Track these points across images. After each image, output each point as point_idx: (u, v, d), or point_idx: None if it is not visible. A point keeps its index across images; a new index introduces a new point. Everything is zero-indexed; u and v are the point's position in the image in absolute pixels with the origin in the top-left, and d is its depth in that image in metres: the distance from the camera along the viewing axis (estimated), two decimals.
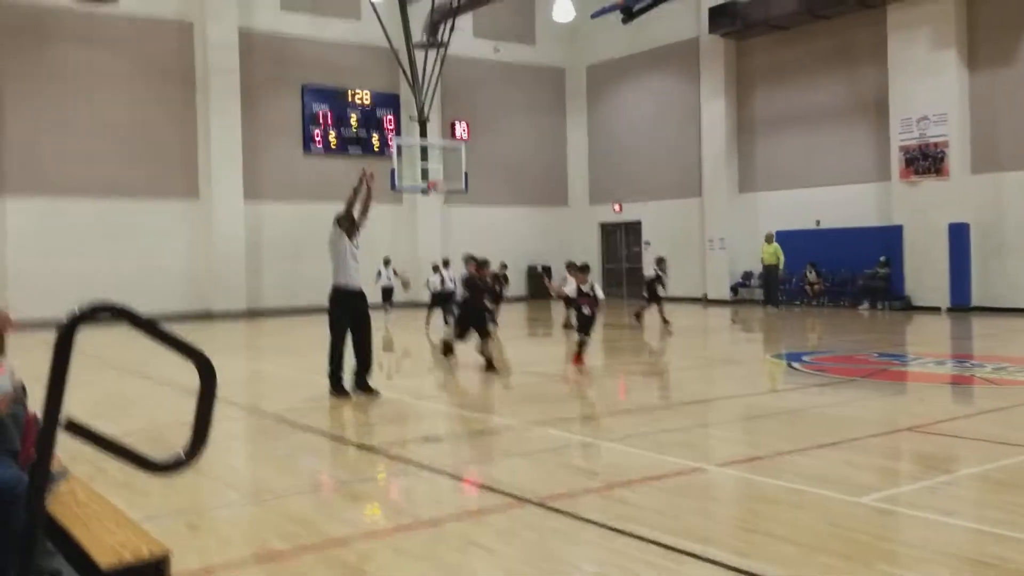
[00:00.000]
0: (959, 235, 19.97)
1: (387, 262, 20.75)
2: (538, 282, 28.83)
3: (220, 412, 7.66)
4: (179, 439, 2.18)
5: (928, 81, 20.63)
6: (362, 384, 9.01)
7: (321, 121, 24.90)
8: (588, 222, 30.11)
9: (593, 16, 25.52)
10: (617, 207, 29.13)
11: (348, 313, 8.85)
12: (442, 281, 18.18)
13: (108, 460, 2.00)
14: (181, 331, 2.05)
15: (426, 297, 19.54)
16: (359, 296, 8.94)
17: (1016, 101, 19.61)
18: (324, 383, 9.06)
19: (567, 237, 29.80)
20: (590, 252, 30.13)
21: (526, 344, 16.56)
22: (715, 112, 25.57)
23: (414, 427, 8.11)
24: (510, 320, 21.79)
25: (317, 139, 24.84)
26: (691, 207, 26.59)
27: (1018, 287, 19.54)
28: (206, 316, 22.36)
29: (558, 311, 24.21)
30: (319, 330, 8.63)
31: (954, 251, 20.01)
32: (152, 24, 22.44)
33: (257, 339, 18.01)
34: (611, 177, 29.22)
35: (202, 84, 22.89)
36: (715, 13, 24.66)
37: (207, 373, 1.94)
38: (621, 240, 29.53)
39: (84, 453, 1.94)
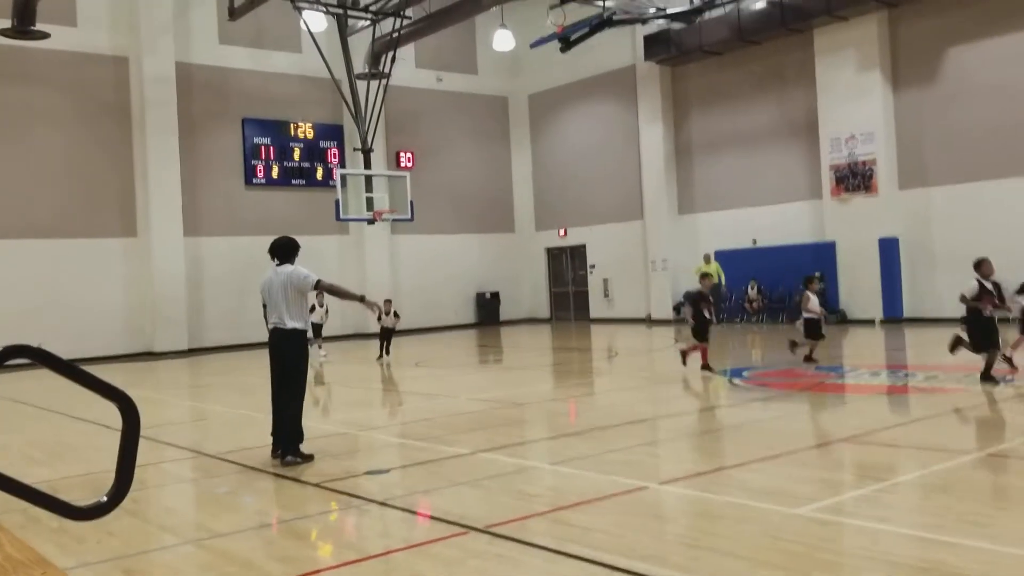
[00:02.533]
0: (889, 249, 20.61)
1: (388, 302, 18.89)
2: (488, 309, 28.97)
3: (160, 454, 7.56)
4: None
5: (855, 102, 21.32)
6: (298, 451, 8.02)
7: (263, 154, 24.74)
8: (534, 247, 30.33)
9: (532, 46, 25.88)
10: (562, 232, 29.42)
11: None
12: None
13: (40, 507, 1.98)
14: (122, 372, 2.06)
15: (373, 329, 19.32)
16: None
17: (939, 119, 20.36)
18: (268, 421, 8.70)
19: (514, 263, 29.98)
20: (537, 277, 30.35)
21: (475, 371, 16.56)
22: (654, 136, 26.06)
23: (360, 460, 8.05)
24: (462, 346, 21.80)
25: (259, 172, 24.66)
26: (633, 229, 26.98)
27: (946, 298, 20.11)
28: (148, 356, 21.92)
29: (509, 336, 24.31)
30: (263, 366, 8.33)
31: (885, 265, 20.65)
32: (86, 59, 22.11)
33: (200, 378, 17.71)
34: (556, 202, 29.52)
35: (139, 119, 22.59)
36: (650, 41, 25.21)
37: (130, 414, 1.94)
38: (567, 264, 29.80)
39: (15, 501, 1.92)
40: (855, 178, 21.35)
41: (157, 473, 7.60)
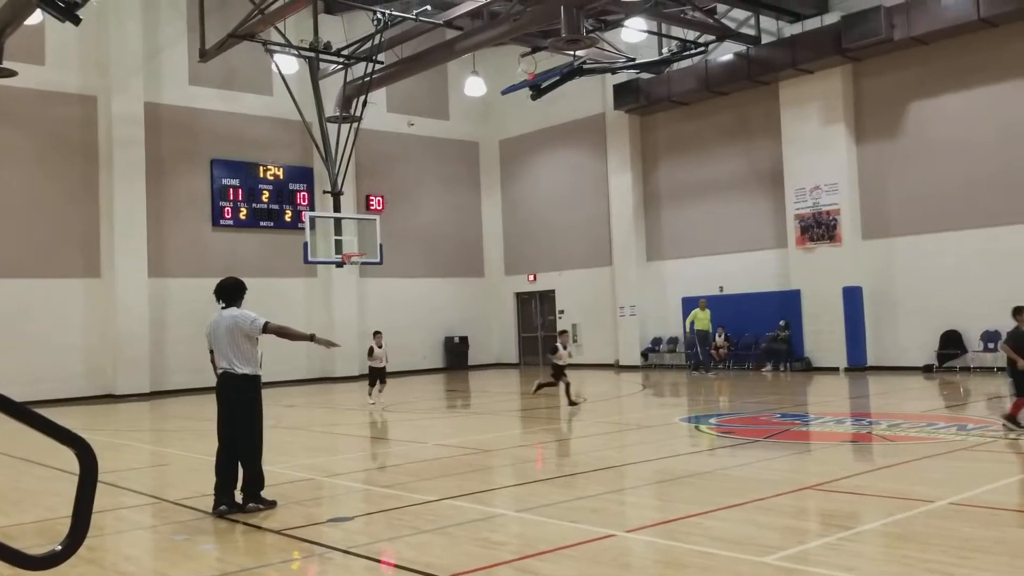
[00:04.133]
0: (853, 298, 20.94)
1: (378, 334, 18.31)
2: (456, 353, 28.86)
3: (119, 499, 7.38)
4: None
5: (819, 153, 21.79)
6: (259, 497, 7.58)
7: (231, 195, 24.64)
8: (503, 292, 30.38)
9: (504, 92, 26.19)
10: (532, 277, 29.52)
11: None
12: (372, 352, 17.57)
13: None
14: (82, 415, 2.01)
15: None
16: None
17: (900, 171, 20.85)
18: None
19: (483, 307, 29.98)
20: (506, 321, 30.35)
21: (443, 416, 16.44)
22: (623, 184, 26.38)
23: (324, 507, 7.92)
24: (430, 391, 21.66)
25: (227, 213, 24.54)
26: (602, 275, 27.15)
27: (909, 347, 20.50)
28: (109, 398, 21.51)
29: (478, 381, 24.19)
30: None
31: (849, 313, 20.96)
32: (54, 98, 21.98)
33: (162, 421, 17.37)
34: (525, 248, 29.67)
35: (106, 158, 22.44)
36: (619, 90, 25.65)
37: (87, 460, 1.90)
38: (536, 309, 29.86)
39: None
40: (819, 228, 21.74)
41: (115, 520, 7.41)
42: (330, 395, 19.96)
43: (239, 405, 7.47)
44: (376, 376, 17.40)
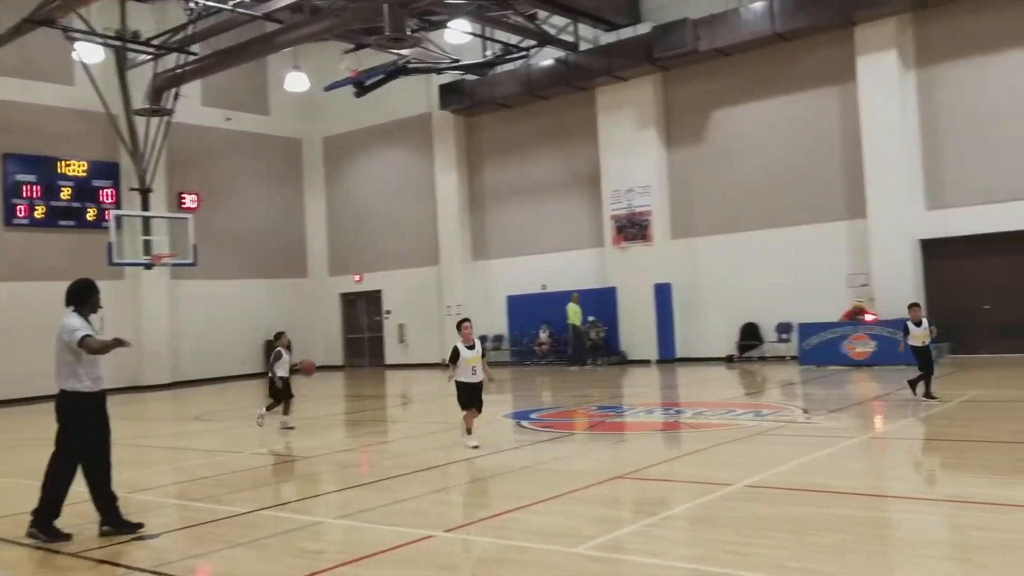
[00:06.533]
0: (663, 294, 22.17)
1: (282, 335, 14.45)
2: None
3: None
4: None
5: (633, 157, 22.84)
6: (120, 520, 6.81)
7: (26, 192, 22.76)
8: (328, 293, 29.82)
9: (326, 89, 25.69)
10: (357, 277, 29.14)
11: (96, 425, 6.90)
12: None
13: None
14: None
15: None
16: (104, 400, 7.04)
17: (705, 174, 22.20)
18: (31, 486, 7.72)
19: (307, 309, 29.30)
20: (331, 323, 29.81)
21: (265, 422, 15.87)
22: (449, 184, 26.54)
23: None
24: (248, 397, 20.90)
25: (21, 212, 22.64)
26: (429, 275, 27.22)
27: (713, 339, 21.90)
28: None
29: (300, 385, 23.51)
30: (30, 426, 7.50)
31: (659, 309, 22.18)
32: None
33: None
34: (351, 247, 29.25)
35: None
36: (445, 90, 25.78)
37: None
38: (362, 310, 29.51)
39: None
40: (633, 228, 22.79)
41: None
42: (139, 405, 18.86)
43: (58, 421, 6.79)
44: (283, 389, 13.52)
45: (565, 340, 23.89)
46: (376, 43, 18.44)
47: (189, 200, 25.95)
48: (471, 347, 10.22)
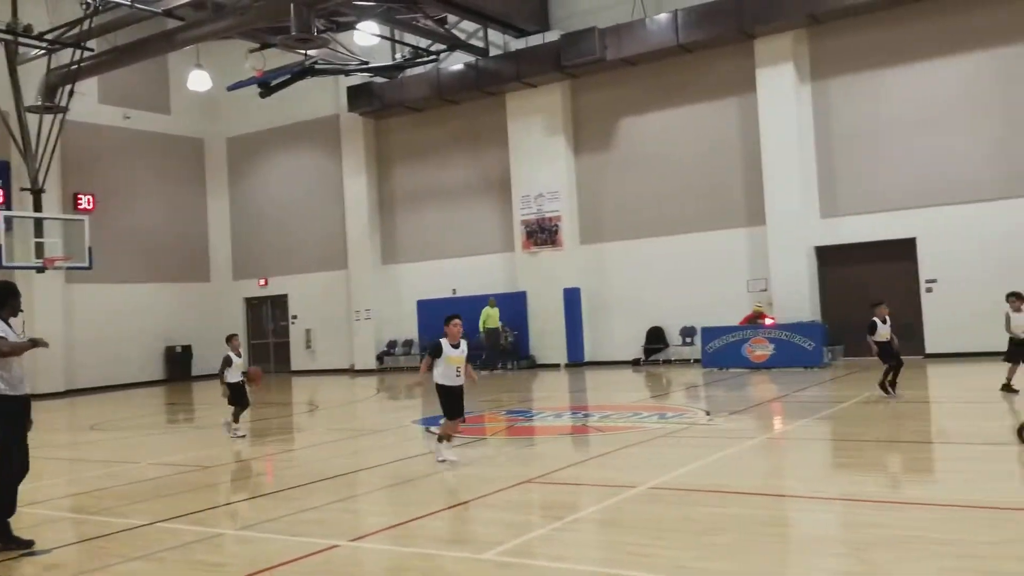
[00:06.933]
0: (572, 299, 22.47)
1: (234, 337, 13.20)
2: (179, 363, 27.18)
3: None
4: None
5: (543, 162, 23.07)
6: (9, 536, 6.51)
7: None
8: (232, 297, 29.10)
9: (230, 88, 25.06)
10: (263, 281, 28.55)
11: (22, 429, 6.68)
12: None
13: None
14: None
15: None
16: (28, 404, 6.78)
17: (613, 181, 22.60)
18: None
19: (209, 314, 28.50)
20: (236, 327, 29.05)
21: (161, 432, 15.40)
22: (358, 187, 26.25)
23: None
24: (147, 405, 20.21)
25: None
26: (337, 279, 26.86)
27: (621, 343, 22.31)
28: None
29: (202, 392, 22.91)
30: None
31: (568, 313, 22.46)
32: None
33: None
34: (256, 251, 28.64)
35: None
36: (353, 92, 25.50)
37: None
38: (268, 314, 28.91)
39: None
40: (543, 233, 23.00)
41: None
42: (32, 414, 17.98)
43: None
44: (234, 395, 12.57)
45: (475, 345, 23.87)
46: (282, 43, 18.13)
47: (85, 201, 24.94)
48: (456, 346, 9.00)
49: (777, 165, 19.94)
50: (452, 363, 8.97)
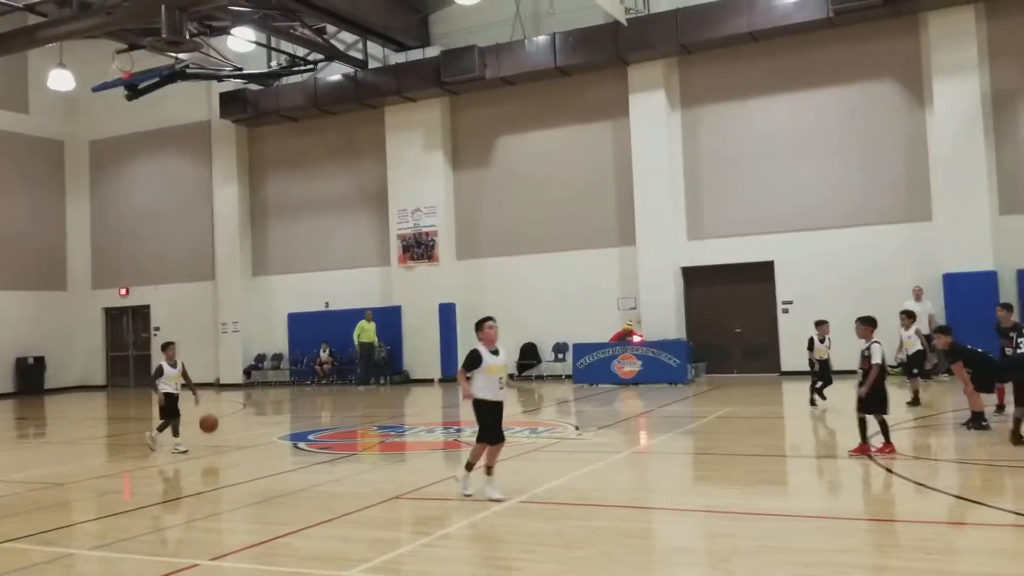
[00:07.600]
0: (447, 314, 22.57)
1: (171, 345, 12.90)
2: (30, 376, 25.59)
3: None
4: None
5: (421, 177, 23.07)
6: None
7: None
8: (91, 307, 27.68)
9: (95, 89, 23.88)
10: (124, 291, 27.29)
11: None
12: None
13: None
14: None
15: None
16: None
17: (490, 198, 22.84)
18: None
19: (65, 324, 27.04)
20: (93, 339, 27.69)
21: (9, 448, 14.46)
22: (228, 196, 25.50)
23: None
24: None
25: None
26: (204, 291, 25.98)
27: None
28: None
29: (55, 406, 21.61)
30: None
31: (443, 328, 22.52)
32: None
33: None
34: (117, 259, 27.38)
35: None
36: (226, 98, 24.80)
37: None
38: (128, 326, 27.63)
39: None
40: (420, 247, 22.99)
41: None
42: None
43: None
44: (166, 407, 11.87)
45: (348, 359, 23.57)
46: (151, 45, 17.45)
47: None
48: (496, 352, 7.59)
49: (647, 188, 20.64)
50: (493, 373, 7.51)
